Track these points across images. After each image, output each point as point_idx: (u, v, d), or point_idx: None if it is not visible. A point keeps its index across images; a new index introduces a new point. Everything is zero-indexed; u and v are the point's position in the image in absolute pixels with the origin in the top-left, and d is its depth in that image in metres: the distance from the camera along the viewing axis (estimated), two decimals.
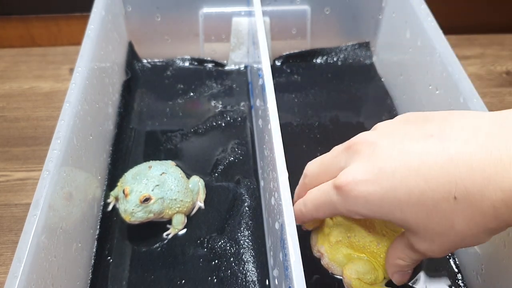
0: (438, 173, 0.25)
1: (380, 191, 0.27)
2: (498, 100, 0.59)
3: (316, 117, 0.54)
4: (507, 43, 0.68)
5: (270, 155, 0.36)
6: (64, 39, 0.70)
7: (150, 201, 0.39)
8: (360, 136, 0.30)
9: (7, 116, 0.57)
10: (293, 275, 0.27)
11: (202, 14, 0.58)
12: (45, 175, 0.32)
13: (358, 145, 0.29)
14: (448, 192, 0.25)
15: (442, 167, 0.25)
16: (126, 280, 0.39)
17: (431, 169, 0.25)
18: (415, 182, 0.26)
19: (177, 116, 0.54)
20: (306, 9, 0.58)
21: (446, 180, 0.25)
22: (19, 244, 0.28)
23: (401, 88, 0.53)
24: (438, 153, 0.25)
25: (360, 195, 0.28)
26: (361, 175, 0.28)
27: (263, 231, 0.42)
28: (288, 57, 0.61)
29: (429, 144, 0.26)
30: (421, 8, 0.47)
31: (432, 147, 0.26)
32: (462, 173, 0.24)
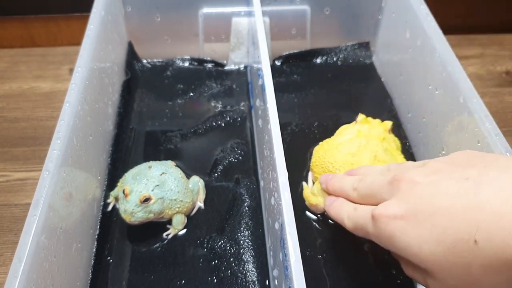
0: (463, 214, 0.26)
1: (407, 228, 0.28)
2: (498, 100, 0.59)
3: (316, 117, 0.54)
4: (506, 43, 0.68)
5: (270, 155, 0.36)
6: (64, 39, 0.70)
7: (150, 201, 0.39)
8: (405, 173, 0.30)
9: (7, 116, 0.57)
10: (293, 275, 0.27)
11: (202, 14, 0.58)
12: (45, 175, 0.32)
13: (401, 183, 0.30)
14: (469, 234, 0.25)
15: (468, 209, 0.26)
16: (126, 280, 0.39)
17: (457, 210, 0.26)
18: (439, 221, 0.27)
19: (177, 116, 0.54)
20: (306, 9, 0.58)
21: (469, 222, 0.25)
22: (19, 244, 0.28)
23: (401, 88, 0.53)
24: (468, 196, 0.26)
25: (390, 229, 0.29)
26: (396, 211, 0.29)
27: (263, 231, 0.42)
28: (288, 57, 0.61)
29: (463, 187, 0.27)
30: (421, 8, 0.47)
31: (464, 190, 0.27)
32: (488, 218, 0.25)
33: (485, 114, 0.36)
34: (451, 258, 0.26)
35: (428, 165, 0.30)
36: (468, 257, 0.26)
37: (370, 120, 0.45)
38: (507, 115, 0.57)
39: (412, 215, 0.28)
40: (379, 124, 0.44)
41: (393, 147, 0.43)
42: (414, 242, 0.28)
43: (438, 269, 0.28)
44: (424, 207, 0.28)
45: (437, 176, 0.29)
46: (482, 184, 0.26)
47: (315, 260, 0.40)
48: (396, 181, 0.30)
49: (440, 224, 0.27)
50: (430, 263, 0.28)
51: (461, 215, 0.26)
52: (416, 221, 0.28)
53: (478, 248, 0.25)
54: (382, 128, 0.43)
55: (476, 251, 0.25)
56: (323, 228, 0.42)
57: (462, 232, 0.26)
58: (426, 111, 0.46)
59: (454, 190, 0.27)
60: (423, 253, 0.28)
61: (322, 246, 0.41)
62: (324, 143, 0.45)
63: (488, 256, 0.25)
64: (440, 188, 0.28)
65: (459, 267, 0.26)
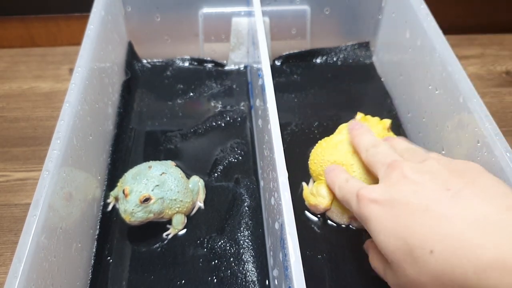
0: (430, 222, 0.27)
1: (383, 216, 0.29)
2: (498, 100, 0.59)
3: (316, 117, 0.54)
4: (507, 43, 0.68)
5: (270, 155, 0.36)
6: (64, 39, 0.70)
7: (150, 201, 0.39)
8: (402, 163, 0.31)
9: (7, 116, 0.57)
10: (293, 275, 0.27)
11: (202, 14, 0.58)
12: (45, 175, 0.32)
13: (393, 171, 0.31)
14: (428, 243, 0.26)
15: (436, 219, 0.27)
16: (126, 280, 0.39)
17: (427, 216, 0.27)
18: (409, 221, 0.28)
19: (177, 116, 0.54)
20: (306, 9, 0.58)
21: (432, 231, 0.26)
22: (19, 244, 0.28)
23: (400, 88, 0.53)
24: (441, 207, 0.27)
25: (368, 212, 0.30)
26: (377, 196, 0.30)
27: (263, 231, 0.42)
28: (288, 57, 0.61)
29: (441, 196, 0.28)
30: (421, 8, 0.47)
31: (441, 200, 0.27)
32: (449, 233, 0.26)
33: (485, 114, 0.36)
34: (409, 259, 0.27)
35: (426, 163, 0.31)
36: (421, 263, 0.27)
37: (369, 118, 0.45)
38: (507, 115, 0.57)
39: (390, 206, 0.29)
40: (378, 123, 0.44)
41: None
42: (385, 232, 0.29)
43: (396, 264, 0.29)
44: (402, 203, 0.29)
45: (426, 177, 0.29)
46: (458, 199, 0.27)
47: (315, 260, 0.40)
48: (391, 167, 0.31)
49: (409, 225, 0.28)
50: (391, 256, 0.29)
51: (428, 222, 0.27)
52: (392, 213, 0.29)
53: (432, 258, 0.26)
54: (381, 127, 0.43)
55: (430, 260, 0.26)
56: (323, 228, 0.42)
57: (423, 239, 0.27)
58: (426, 111, 0.46)
59: (433, 196, 0.28)
60: (389, 244, 0.29)
61: (322, 246, 0.41)
62: (323, 142, 0.45)
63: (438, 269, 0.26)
64: (422, 190, 0.29)
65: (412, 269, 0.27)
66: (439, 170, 0.30)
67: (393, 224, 0.29)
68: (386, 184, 0.31)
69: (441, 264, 0.26)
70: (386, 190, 0.30)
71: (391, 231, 0.29)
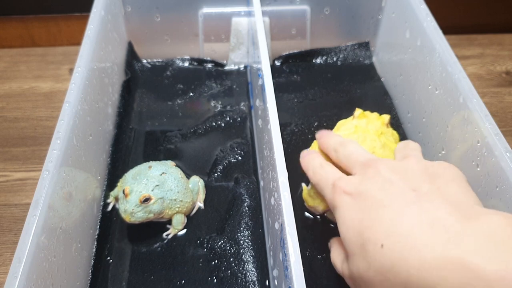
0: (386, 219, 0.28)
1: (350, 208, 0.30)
2: (497, 100, 0.59)
3: (316, 117, 0.54)
4: (506, 43, 0.68)
5: (270, 155, 0.36)
6: (64, 39, 0.70)
7: (150, 201, 0.39)
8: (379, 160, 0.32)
9: (7, 116, 0.57)
10: (293, 275, 0.27)
11: (202, 14, 0.58)
12: (45, 175, 0.32)
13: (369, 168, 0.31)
14: (378, 239, 0.27)
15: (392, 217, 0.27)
16: (126, 280, 0.39)
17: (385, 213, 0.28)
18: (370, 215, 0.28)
19: (177, 116, 0.54)
20: (306, 9, 0.58)
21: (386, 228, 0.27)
22: (19, 244, 0.28)
23: (400, 88, 0.53)
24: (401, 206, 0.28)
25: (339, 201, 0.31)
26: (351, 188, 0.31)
27: (262, 231, 0.42)
28: (287, 57, 0.61)
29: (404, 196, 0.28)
30: (421, 8, 0.47)
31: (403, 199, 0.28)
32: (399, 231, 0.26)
33: (485, 114, 0.36)
34: (361, 252, 0.28)
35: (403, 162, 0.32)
36: (372, 257, 0.27)
37: (368, 114, 0.44)
38: (507, 115, 0.57)
39: (358, 198, 0.30)
40: (377, 118, 0.44)
41: (391, 141, 0.43)
42: (348, 222, 0.30)
43: (351, 255, 0.30)
44: (368, 197, 0.29)
45: (398, 176, 0.30)
46: (419, 201, 0.28)
47: (315, 260, 0.40)
48: (367, 165, 0.32)
49: (367, 218, 0.28)
50: (348, 247, 0.30)
51: (384, 218, 0.28)
52: (358, 205, 0.30)
53: (381, 253, 0.27)
54: (380, 122, 0.43)
55: (379, 254, 0.27)
56: (323, 229, 0.42)
57: (376, 233, 0.27)
58: (426, 111, 0.46)
59: (397, 194, 0.29)
60: (347, 235, 0.30)
61: (322, 246, 0.41)
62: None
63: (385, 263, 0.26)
64: (389, 187, 0.29)
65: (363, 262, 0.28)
66: (413, 171, 0.30)
67: (355, 216, 0.29)
68: (361, 178, 0.31)
69: (388, 259, 0.26)
70: (360, 183, 0.31)
71: (352, 222, 0.29)
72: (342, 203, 0.31)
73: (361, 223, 0.29)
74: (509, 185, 0.32)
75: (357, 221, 0.29)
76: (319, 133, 0.40)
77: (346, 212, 0.30)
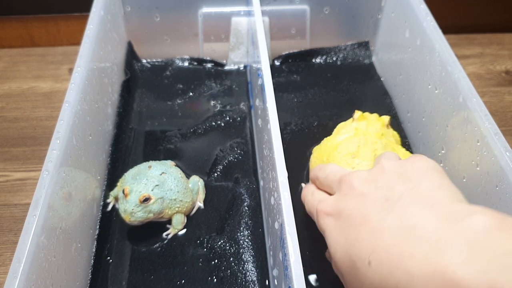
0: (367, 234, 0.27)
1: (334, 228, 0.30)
2: (497, 100, 0.59)
3: (316, 116, 0.54)
4: (506, 42, 0.68)
5: (270, 154, 0.36)
6: (64, 39, 0.70)
7: (149, 201, 0.39)
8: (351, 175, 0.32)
9: (7, 116, 0.57)
10: (292, 275, 0.27)
11: (202, 14, 0.58)
12: (45, 175, 0.32)
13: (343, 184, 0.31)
14: (366, 254, 0.26)
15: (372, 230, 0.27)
16: (126, 280, 0.39)
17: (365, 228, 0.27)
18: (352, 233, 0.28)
19: (177, 116, 0.54)
20: (306, 9, 0.58)
21: (369, 243, 0.27)
22: (19, 244, 0.28)
23: (400, 88, 0.53)
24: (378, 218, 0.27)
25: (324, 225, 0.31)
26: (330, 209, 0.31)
27: (262, 230, 0.42)
28: (287, 56, 0.61)
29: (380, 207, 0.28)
30: (421, 8, 0.47)
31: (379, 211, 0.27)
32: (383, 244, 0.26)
33: (485, 114, 0.36)
34: (351, 271, 0.28)
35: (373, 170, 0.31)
36: (361, 275, 0.27)
37: (367, 115, 0.44)
38: (507, 114, 0.57)
39: (338, 218, 0.30)
40: (377, 120, 0.44)
41: (392, 142, 0.43)
42: (334, 245, 0.29)
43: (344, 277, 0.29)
44: (347, 215, 0.29)
45: (372, 186, 0.29)
46: (393, 211, 0.27)
47: (315, 260, 0.40)
48: (341, 181, 0.32)
49: (351, 237, 0.28)
50: (339, 268, 0.29)
51: (366, 234, 0.27)
52: (340, 226, 0.29)
53: (370, 270, 0.26)
54: (380, 123, 0.43)
55: (369, 272, 0.26)
56: None
57: (363, 251, 0.27)
58: (426, 110, 0.46)
59: (372, 207, 0.28)
60: (336, 257, 0.29)
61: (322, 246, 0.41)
62: (323, 144, 0.45)
63: (376, 279, 0.26)
64: (363, 201, 0.29)
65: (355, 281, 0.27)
66: (384, 176, 0.30)
67: (339, 236, 0.29)
68: (337, 197, 0.31)
69: (377, 276, 0.26)
70: (336, 202, 0.31)
71: (338, 244, 0.29)
72: (326, 226, 0.30)
73: (346, 242, 0.28)
74: (508, 184, 0.32)
75: (342, 241, 0.29)
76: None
77: (331, 234, 0.30)
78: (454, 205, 0.26)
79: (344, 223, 0.29)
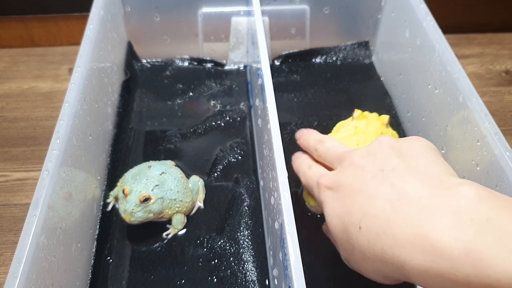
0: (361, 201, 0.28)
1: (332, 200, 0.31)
2: (497, 99, 0.59)
3: (316, 116, 0.54)
4: (506, 42, 0.68)
5: (270, 154, 0.36)
6: (63, 39, 0.70)
7: (149, 201, 0.39)
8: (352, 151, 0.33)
9: (6, 116, 0.57)
10: (292, 275, 0.27)
11: (201, 14, 0.58)
12: (45, 175, 0.32)
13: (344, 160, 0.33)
14: (358, 220, 0.28)
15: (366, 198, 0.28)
16: (126, 280, 0.39)
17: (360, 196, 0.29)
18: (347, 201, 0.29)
19: (177, 116, 0.54)
20: (305, 9, 0.58)
21: (361, 209, 0.28)
22: (19, 244, 0.28)
23: (400, 87, 0.53)
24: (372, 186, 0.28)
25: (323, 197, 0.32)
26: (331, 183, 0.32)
27: (262, 230, 0.42)
28: (287, 56, 0.61)
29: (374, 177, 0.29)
30: (420, 8, 0.47)
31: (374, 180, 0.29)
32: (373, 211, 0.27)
33: (485, 113, 0.36)
34: (344, 237, 0.29)
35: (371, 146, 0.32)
36: (353, 239, 0.28)
37: (367, 114, 0.44)
38: (507, 114, 0.57)
39: (337, 190, 0.31)
40: (376, 119, 0.44)
41: None
42: (330, 213, 0.31)
43: (338, 244, 0.31)
44: (345, 186, 0.30)
45: (369, 159, 0.31)
46: (387, 180, 0.28)
47: (315, 260, 0.40)
48: (342, 157, 0.33)
49: (346, 205, 0.29)
50: (334, 236, 0.31)
51: (360, 202, 0.28)
52: (338, 196, 0.31)
53: (360, 234, 0.28)
54: (380, 122, 0.43)
55: (359, 236, 0.28)
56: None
57: (355, 217, 0.28)
58: (426, 110, 0.46)
59: (368, 177, 0.29)
60: (331, 224, 0.30)
61: (322, 246, 0.41)
62: None
63: (364, 244, 0.27)
64: (361, 172, 0.30)
65: (348, 246, 0.29)
66: (381, 151, 0.31)
67: (336, 205, 0.30)
68: (338, 171, 0.33)
69: (365, 240, 0.27)
70: (338, 175, 0.32)
71: (335, 212, 0.30)
72: (326, 198, 0.32)
73: (341, 210, 0.30)
74: (508, 184, 0.32)
75: (338, 209, 0.30)
76: (298, 133, 0.40)
77: (328, 204, 0.31)
78: (445, 177, 0.27)
79: (342, 193, 0.30)
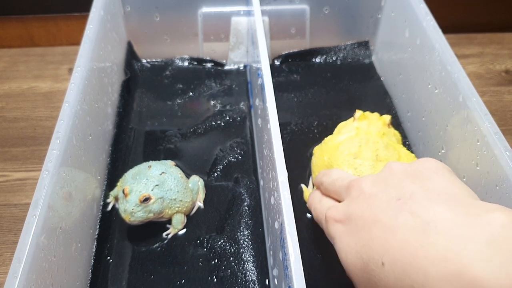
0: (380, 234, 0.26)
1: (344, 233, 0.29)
2: (497, 99, 0.59)
3: (315, 116, 0.54)
4: (506, 41, 0.68)
5: (270, 154, 0.36)
6: (63, 39, 0.70)
7: (149, 201, 0.39)
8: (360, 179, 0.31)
9: (6, 116, 0.57)
10: (292, 274, 0.27)
11: (201, 14, 0.58)
12: (45, 175, 0.32)
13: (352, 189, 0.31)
14: (379, 255, 0.25)
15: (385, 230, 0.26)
16: (126, 280, 0.39)
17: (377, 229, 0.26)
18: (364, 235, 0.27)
19: (177, 116, 0.54)
20: (305, 9, 0.58)
21: (382, 243, 0.26)
22: (19, 244, 0.28)
23: (400, 87, 0.53)
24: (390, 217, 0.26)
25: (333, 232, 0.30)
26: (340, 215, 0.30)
27: (262, 230, 0.42)
28: (287, 56, 0.61)
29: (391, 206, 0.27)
30: (420, 7, 0.47)
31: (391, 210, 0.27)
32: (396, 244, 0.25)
33: (485, 113, 0.36)
34: (365, 274, 0.27)
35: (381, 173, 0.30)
36: (376, 277, 0.26)
37: (368, 115, 0.44)
38: (507, 114, 0.57)
39: (350, 222, 0.29)
40: (378, 119, 0.44)
41: (394, 141, 0.43)
42: (344, 249, 0.29)
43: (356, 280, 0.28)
44: (359, 218, 0.28)
45: (381, 187, 0.29)
46: (405, 208, 0.26)
47: (315, 260, 0.40)
48: (351, 186, 0.31)
49: (362, 238, 0.27)
50: (352, 275, 0.28)
51: (379, 235, 0.26)
52: (351, 230, 0.28)
53: (384, 271, 0.25)
54: (381, 123, 0.43)
55: (382, 273, 0.25)
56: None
57: (375, 252, 0.26)
58: (426, 110, 0.46)
59: (383, 207, 0.27)
60: (347, 261, 0.28)
61: (322, 246, 0.41)
62: (324, 144, 0.44)
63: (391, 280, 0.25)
64: (374, 202, 0.28)
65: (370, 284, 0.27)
66: (394, 177, 0.29)
67: (350, 240, 0.28)
68: (347, 202, 0.31)
69: (391, 277, 0.25)
70: (347, 207, 0.30)
71: (349, 247, 0.28)
72: (336, 232, 0.30)
73: (357, 245, 0.27)
74: (508, 184, 0.32)
75: (353, 244, 0.28)
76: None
77: (341, 239, 0.29)
78: (470, 201, 0.25)
79: (354, 226, 0.28)
